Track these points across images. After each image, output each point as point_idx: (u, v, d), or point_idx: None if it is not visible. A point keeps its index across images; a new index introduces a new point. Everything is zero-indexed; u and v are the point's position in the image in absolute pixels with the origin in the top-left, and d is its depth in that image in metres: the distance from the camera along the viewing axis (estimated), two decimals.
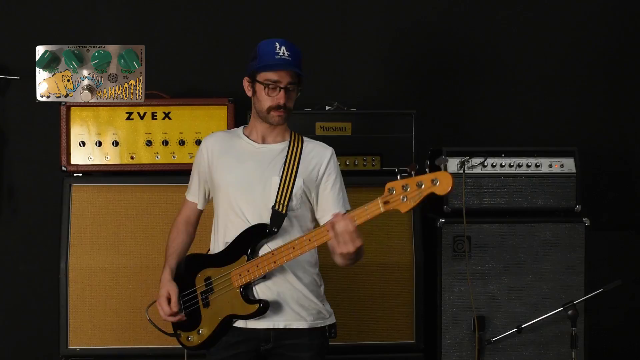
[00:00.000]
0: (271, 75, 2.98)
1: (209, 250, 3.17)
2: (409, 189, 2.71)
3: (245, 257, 2.98)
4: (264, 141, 3.11)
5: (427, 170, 2.70)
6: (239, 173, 3.05)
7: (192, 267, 3.09)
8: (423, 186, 2.69)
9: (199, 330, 3.07)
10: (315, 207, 3.10)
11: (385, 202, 2.74)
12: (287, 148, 3.08)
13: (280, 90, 2.98)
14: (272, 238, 2.99)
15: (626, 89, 4.74)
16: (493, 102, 4.68)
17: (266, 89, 2.99)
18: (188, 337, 3.10)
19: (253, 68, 3.04)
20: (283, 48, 2.99)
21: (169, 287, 3.07)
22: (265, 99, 3.01)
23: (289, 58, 2.99)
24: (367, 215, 2.77)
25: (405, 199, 2.71)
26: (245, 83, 3.09)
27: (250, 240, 2.99)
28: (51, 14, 4.44)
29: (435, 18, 4.65)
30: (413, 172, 2.72)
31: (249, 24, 4.51)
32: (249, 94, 3.10)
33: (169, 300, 3.06)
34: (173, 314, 3.06)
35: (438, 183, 2.67)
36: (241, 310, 2.98)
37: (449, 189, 2.66)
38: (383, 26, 4.62)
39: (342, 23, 4.60)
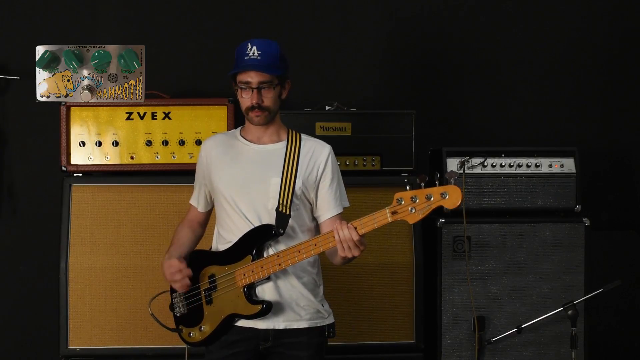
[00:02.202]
0: (242, 77, 3.01)
1: (210, 248, 3.18)
2: (417, 201, 2.75)
3: (250, 258, 2.98)
4: (260, 141, 3.11)
5: (436, 183, 2.72)
6: (236, 174, 3.06)
7: (196, 263, 3.09)
8: (432, 199, 2.74)
9: (200, 327, 3.07)
10: (314, 206, 3.10)
11: (393, 212, 2.78)
12: (284, 148, 3.09)
13: (252, 91, 3.00)
14: (276, 239, 3.01)
15: (626, 89, 4.74)
16: (493, 102, 4.68)
17: (240, 90, 3.02)
18: (190, 333, 3.10)
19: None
20: (254, 48, 3.00)
21: (169, 261, 3.06)
22: (242, 101, 3.05)
23: (259, 57, 2.99)
24: (374, 224, 2.81)
25: (413, 210, 2.75)
26: (233, 87, 3.11)
27: (255, 240, 2.99)
28: (51, 14, 4.44)
29: (435, 18, 4.65)
30: (422, 184, 2.75)
31: (249, 24, 4.51)
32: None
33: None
34: (182, 271, 3.03)
35: (447, 197, 2.72)
36: (244, 310, 2.99)
37: (458, 203, 2.72)
38: (383, 26, 4.62)
39: (342, 23, 4.60)
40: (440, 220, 3.94)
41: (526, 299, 3.98)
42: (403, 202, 2.76)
